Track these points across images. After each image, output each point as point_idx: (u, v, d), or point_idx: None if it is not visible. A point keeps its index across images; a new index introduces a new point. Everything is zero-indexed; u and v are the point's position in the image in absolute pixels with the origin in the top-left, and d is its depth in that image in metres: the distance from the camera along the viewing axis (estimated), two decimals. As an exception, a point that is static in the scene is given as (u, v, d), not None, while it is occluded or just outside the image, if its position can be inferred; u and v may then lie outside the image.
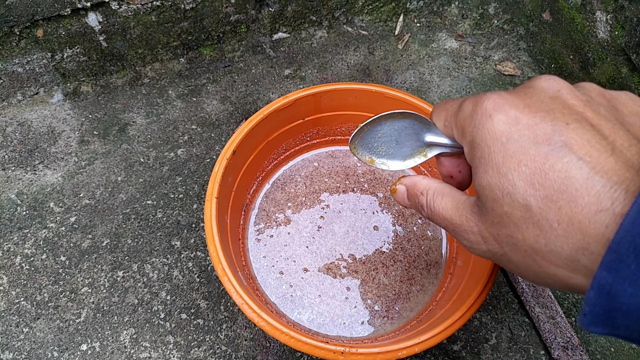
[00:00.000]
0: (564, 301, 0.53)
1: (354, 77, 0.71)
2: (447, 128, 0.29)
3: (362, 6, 0.76)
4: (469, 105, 0.26)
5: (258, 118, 0.48)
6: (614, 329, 0.20)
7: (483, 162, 0.24)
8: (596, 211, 0.20)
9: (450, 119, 0.28)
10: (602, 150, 0.21)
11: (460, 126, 0.26)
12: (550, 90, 0.24)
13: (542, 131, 0.22)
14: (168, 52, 0.70)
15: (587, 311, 0.20)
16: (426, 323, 0.42)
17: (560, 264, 0.21)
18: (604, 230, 0.19)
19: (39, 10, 0.58)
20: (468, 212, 0.26)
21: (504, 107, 0.24)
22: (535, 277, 0.24)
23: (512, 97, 0.24)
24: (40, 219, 0.57)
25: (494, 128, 0.23)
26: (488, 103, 0.24)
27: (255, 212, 0.54)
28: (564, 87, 0.24)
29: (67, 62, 0.65)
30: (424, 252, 0.52)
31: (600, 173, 0.20)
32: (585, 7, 0.62)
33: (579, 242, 0.20)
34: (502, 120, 0.23)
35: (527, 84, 0.25)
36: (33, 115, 0.65)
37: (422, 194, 0.30)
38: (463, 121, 0.26)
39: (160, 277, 0.53)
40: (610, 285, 0.19)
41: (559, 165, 0.21)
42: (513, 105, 0.23)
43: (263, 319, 0.38)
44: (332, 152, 0.58)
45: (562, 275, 0.22)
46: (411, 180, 0.32)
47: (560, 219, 0.21)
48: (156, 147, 0.63)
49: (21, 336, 0.50)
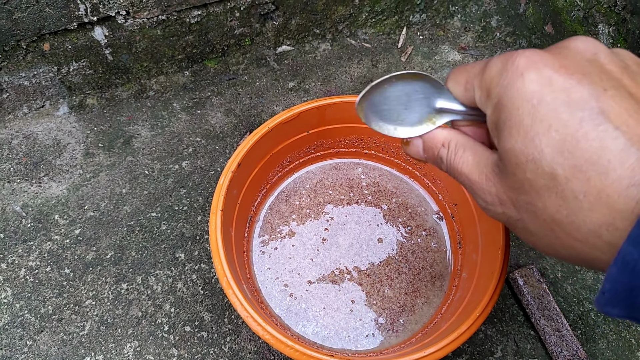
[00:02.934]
0: (569, 314, 0.53)
1: (358, 90, 0.72)
2: (468, 91, 0.26)
3: (365, 19, 0.76)
4: (498, 63, 0.23)
5: (263, 131, 0.48)
6: (633, 311, 0.19)
7: (509, 124, 0.22)
8: (628, 185, 0.19)
9: (474, 81, 0.25)
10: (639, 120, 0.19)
11: (486, 86, 0.24)
12: (587, 52, 0.22)
13: (578, 95, 0.20)
14: (173, 65, 0.70)
15: (607, 289, 0.19)
16: (432, 336, 0.42)
17: (580, 238, 0.20)
18: (634, 205, 0.18)
19: (45, 24, 0.58)
20: (489, 170, 0.24)
21: (538, 65, 0.22)
22: (549, 247, 0.23)
23: (547, 56, 0.22)
24: (45, 232, 0.57)
25: (525, 88, 0.21)
26: (520, 60, 0.22)
27: (259, 225, 0.54)
28: (601, 50, 0.22)
29: (73, 76, 0.65)
30: (428, 264, 0.52)
31: (637, 145, 0.19)
32: (587, 19, 0.62)
33: (604, 217, 0.19)
34: (535, 79, 0.21)
35: (562, 44, 0.23)
36: (39, 128, 0.66)
37: (443, 145, 0.27)
38: (490, 80, 0.24)
39: (164, 290, 0.53)
40: (635, 262, 0.18)
41: (593, 133, 0.19)
42: (548, 64, 0.22)
43: (268, 332, 0.38)
44: (336, 165, 0.59)
45: (579, 249, 0.21)
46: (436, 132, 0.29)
47: (588, 191, 0.19)
48: (161, 160, 0.64)
49: (25, 349, 0.50)
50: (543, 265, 0.56)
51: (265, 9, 0.68)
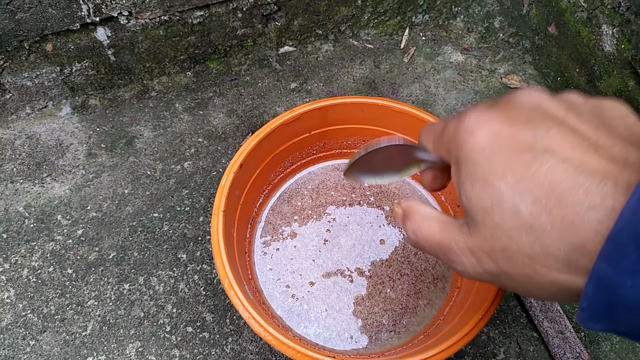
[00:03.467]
0: (572, 315, 0.52)
1: (360, 91, 0.72)
2: (436, 149, 0.28)
3: (367, 20, 0.76)
4: (452, 125, 0.26)
5: (265, 132, 0.48)
6: (614, 325, 0.19)
7: (469, 177, 0.23)
8: (587, 209, 0.19)
9: (437, 141, 0.28)
10: (585, 150, 0.20)
11: (446, 147, 0.26)
12: (530, 102, 0.24)
13: (524, 139, 0.22)
14: (175, 66, 0.70)
15: (586, 306, 0.19)
16: (434, 338, 0.42)
17: (560, 268, 0.21)
18: (597, 226, 0.19)
19: (48, 25, 0.58)
20: (457, 233, 0.25)
21: (485, 121, 0.23)
22: (538, 289, 0.23)
23: (492, 111, 0.24)
24: (48, 232, 0.57)
25: (477, 142, 0.23)
26: (469, 120, 0.24)
27: (261, 225, 0.54)
28: (544, 97, 0.24)
29: (76, 76, 0.66)
30: (430, 265, 0.52)
31: (586, 171, 0.20)
32: (591, 20, 0.62)
33: (575, 242, 0.20)
34: (484, 134, 0.23)
35: (507, 99, 0.25)
36: (41, 129, 0.66)
37: (409, 219, 0.29)
38: (447, 141, 0.26)
39: (166, 290, 0.53)
40: (609, 278, 0.18)
41: (543, 169, 0.21)
42: (493, 118, 0.23)
43: (270, 333, 0.38)
44: (338, 166, 0.58)
45: (564, 280, 0.21)
46: (407, 204, 0.30)
47: (553, 221, 0.20)
48: (163, 160, 0.64)
49: (27, 349, 0.50)
50: (546, 266, 0.55)
51: (267, 10, 0.68)
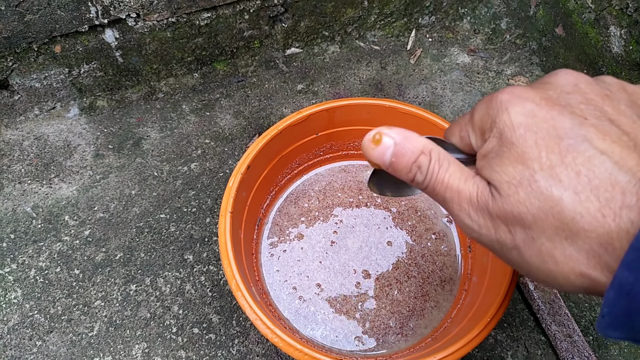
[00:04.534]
0: (581, 319, 0.52)
1: (366, 92, 0.71)
2: (464, 139, 0.27)
3: (374, 21, 0.76)
4: (482, 105, 0.25)
5: (272, 133, 0.48)
6: (633, 333, 0.19)
7: (500, 152, 0.22)
8: (621, 207, 0.19)
9: (466, 127, 0.26)
10: (624, 146, 0.20)
11: (478, 127, 0.25)
12: (567, 84, 0.23)
13: (561, 125, 0.21)
14: (182, 67, 0.71)
15: (606, 312, 0.19)
16: (441, 341, 0.42)
17: (580, 259, 0.20)
18: (629, 226, 0.19)
19: (57, 26, 0.59)
20: (480, 188, 0.23)
21: (519, 100, 0.23)
22: (547, 276, 0.22)
23: (527, 90, 0.23)
24: (55, 232, 0.57)
25: (511, 119, 0.22)
26: (502, 96, 0.23)
27: (268, 227, 0.54)
28: (582, 80, 0.23)
29: (84, 78, 0.66)
30: (438, 268, 0.52)
31: (625, 169, 0.19)
32: (599, 21, 0.62)
33: (603, 237, 0.19)
34: (519, 112, 0.22)
35: (544, 79, 0.24)
36: (49, 130, 0.66)
37: (423, 153, 0.25)
38: (479, 121, 0.25)
39: (172, 291, 0.53)
40: (631, 285, 0.18)
41: (580, 158, 0.20)
42: (529, 98, 0.22)
43: (277, 335, 0.37)
44: (345, 167, 0.58)
45: (580, 271, 0.21)
46: (403, 134, 0.25)
47: (584, 212, 0.20)
48: (170, 161, 0.64)
49: (34, 349, 0.50)
50: (554, 269, 0.55)
51: (274, 12, 0.68)
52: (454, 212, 0.25)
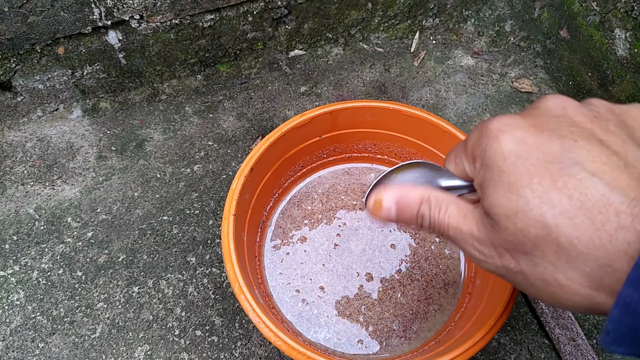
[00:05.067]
0: (584, 322, 0.52)
1: (370, 94, 0.71)
2: (458, 165, 0.27)
3: (378, 24, 0.76)
4: (475, 133, 0.25)
5: (276, 135, 0.48)
6: (638, 349, 0.19)
7: (493, 182, 0.23)
8: (617, 228, 0.19)
9: (460, 154, 0.27)
10: (615, 166, 0.20)
11: (470, 155, 0.26)
12: (555, 109, 0.23)
13: (551, 150, 0.21)
14: (185, 69, 0.71)
15: (611, 329, 0.19)
16: (445, 344, 0.42)
17: (583, 282, 0.21)
18: (626, 247, 0.19)
19: (60, 28, 0.59)
20: (479, 222, 0.24)
21: (509, 127, 0.23)
22: (552, 298, 0.23)
23: (516, 118, 0.23)
24: (58, 234, 0.57)
25: (502, 148, 0.23)
26: (492, 125, 0.23)
27: (271, 229, 0.54)
28: (569, 104, 0.23)
29: (87, 79, 0.66)
30: (441, 271, 0.51)
31: (617, 189, 0.19)
32: (603, 24, 0.62)
33: (602, 260, 0.20)
34: (509, 139, 0.22)
35: (533, 105, 0.25)
36: (52, 131, 0.66)
37: (422, 203, 0.27)
38: (471, 149, 0.25)
39: (175, 294, 0.53)
40: (636, 304, 0.18)
41: (572, 181, 0.20)
42: (518, 126, 0.23)
43: (280, 338, 0.37)
44: (348, 169, 0.58)
45: (584, 294, 0.21)
46: (399, 192, 0.28)
47: (580, 236, 0.20)
48: (173, 163, 0.64)
49: (36, 351, 0.50)
50: (558, 273, 0.55)
51: (278, 14, 0.68)
52: (461, 246, 0.26)
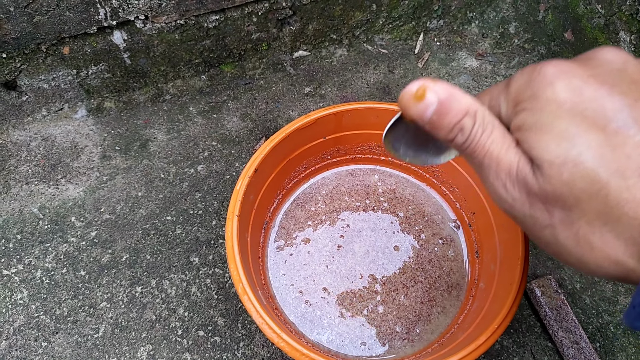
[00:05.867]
0: (588, 326, 0.52)
1: (374, 96, 0.71)
2: (493, 108, 0.25)
3: (382, 25, 0.76)
4: (523, 75, 0.23)
5: (280, 136, 0.48)
6: None
7: (542, 126, 0.21)
8: None
9: (498, 96, 0.24)
10: None
11: (513, 98, 0.23)
12: (615, 62, 0.22)
13: (610, 105, 0.20)
14: (190, 69, 0.71)
15: (638, 302, 0.19)
16: (448, 347, 0.42)
17: (619, 248, 0.20)
18: None
19: (65, 28, 0.59)
20: (521, 162, 0.22)
21: (566, 75, 0.21)
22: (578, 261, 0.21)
23: (574, 66, 0.22)
24: (62, 233, 0.57)
25: (556, 95, 0.21)
26: (547, 70, 0.22)
27: (275, 230, 0.54)
28: (630, 60, 0.22)
29: (92, 79, 0.66)
30: (445, 273, 0.51)
31: None
32: (608, 27, 0.61)
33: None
34: (566, 88, 0.21)
35: (589, 54, 0.23)
36: (57, 131, 0.66)
37: (468, 114, 0.23)
38: (516, 92, 0.23)
39: (178, 294, 0.53)
40: None
41: (630, 142, 0.19)
42: (576, 74, 0.21)
43: (283, 339, 0.37)
44: (352, 171, 0.58)
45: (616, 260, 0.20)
46: (448, 91, 0.23)
47: (630, 198, 0.19)
48: (176, 163, 0.64)
49: (39, 350, 0.50)
50: (561, 275, 0.55)
51: (282, 14, 0.68)
52: (489, 180, 0.24)
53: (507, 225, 0.45)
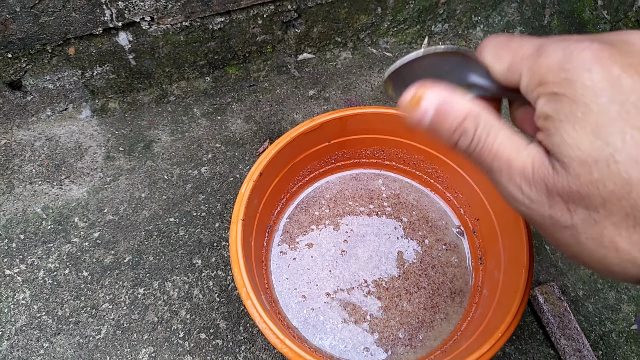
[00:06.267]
0: (590, 333, 0.52)
1: (378, 99, 0.71)
2: (512, 73, 0.23)
3: (387, 28, 0.76)
4: (558, 53, 0.21)
5: (285, 140, 0.48)
6: None
7: (573, 118, 0.20)
8: None
9: (521, 64, 0.23)
10: None
11: (540, 74, 0.21)
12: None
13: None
14: (194, 71, 0.71)
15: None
16: (451, 354, 0.42)
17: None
18: None
19: (71, 29, 0.59)
20: (537, 161, 0.21)
21: (607, 61, 0.20)
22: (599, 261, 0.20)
23: (613, 52, 0.20)
24: (65, 234, 0.57)
25: (594, 84, 0.19)
26: (586, 53, 0.20)
27: (279, 234, 0.54)
28: None
29: (97, 80, 0.66)
30: (448, 279, 0.51)
31: None
32: (614, 34, 0.61)
33: None
34: (604, 76, 0.19)
35: (622, 37, 0.21)
36: (61, 131, 0.66)
37: (468, 117, 0.23)
38: (546, 69, 0.21)
39: (180, 296, 0.53)
40: None
41: None
42: (616, 61, 0.20)
43: (286, 345, 0.37)
44: (356, 175, 0.58)
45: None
46: (444, 95, 0.23)
47: None
48: (180, 165, 0.64)
49: (41, 351, 0.50)
50: (564, 282, 0.55)
51: (287, 17, 0.68)
52: (502, 183, 0.23)
53: (512, 232, 0.45)
